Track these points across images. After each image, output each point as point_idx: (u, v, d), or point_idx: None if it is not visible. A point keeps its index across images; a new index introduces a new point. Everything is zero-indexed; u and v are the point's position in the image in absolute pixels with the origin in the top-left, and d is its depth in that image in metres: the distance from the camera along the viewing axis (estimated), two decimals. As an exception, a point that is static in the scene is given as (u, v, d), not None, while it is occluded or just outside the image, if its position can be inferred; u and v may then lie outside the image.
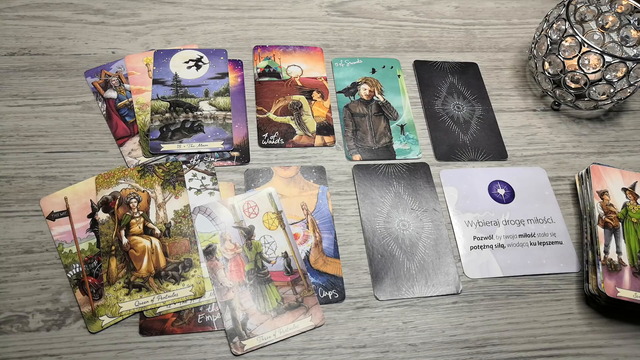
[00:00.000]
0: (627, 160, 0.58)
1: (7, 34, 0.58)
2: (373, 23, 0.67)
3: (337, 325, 0.45)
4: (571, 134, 0.60)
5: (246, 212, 0.49)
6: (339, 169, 0.54)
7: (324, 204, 0.51)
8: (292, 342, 0.44)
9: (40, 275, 0.44)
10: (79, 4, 0.62)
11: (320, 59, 0.62)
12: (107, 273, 0.44)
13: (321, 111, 0.57)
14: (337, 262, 0.48)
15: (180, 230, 0.47)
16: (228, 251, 0.47)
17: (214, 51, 0.60)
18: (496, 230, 0.51)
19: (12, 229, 0.46)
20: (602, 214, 0.50)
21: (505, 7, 0.72)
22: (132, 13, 0.63)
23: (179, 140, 0.53)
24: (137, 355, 0.42)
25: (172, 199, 0.49)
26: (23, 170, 0.50)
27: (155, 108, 0.54)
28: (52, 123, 0.53)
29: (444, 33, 0.67)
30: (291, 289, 0.46)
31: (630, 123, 0.62)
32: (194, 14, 0.64)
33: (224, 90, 0.57)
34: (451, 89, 0.62)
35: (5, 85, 0.55)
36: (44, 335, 0.42)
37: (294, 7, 0.67)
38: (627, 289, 0.46)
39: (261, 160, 0.53)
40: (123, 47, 0.59)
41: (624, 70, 0.53)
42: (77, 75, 0.56)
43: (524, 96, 0.63)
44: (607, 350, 0.46)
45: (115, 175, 0.49)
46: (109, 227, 0.46)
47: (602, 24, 0.61)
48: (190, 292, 0.44)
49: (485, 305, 0.47)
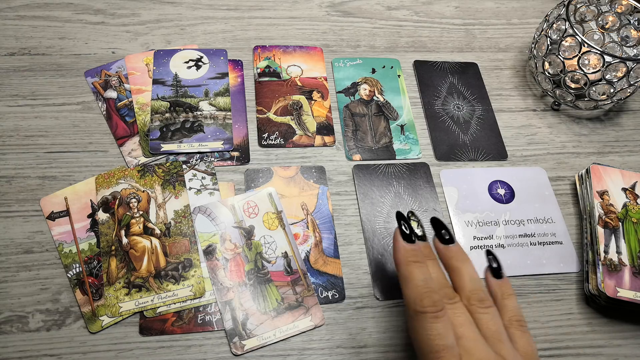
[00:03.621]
0: (627, 160, 0.58)
1: (7, 34, 0.58)
2: (373, 23, 0.67)
3: (337, 325, 0.45)
4: (571, 134, 0.60)
5: (246, 212, 0.49)
6: (339, 169, 0.54)
7: (324, 204, 0.51)
8: (292, 342, 0.44)
9: (40, 275, 0.44)
10: (79, 4, 0.62)
11: (320, 59, 0.62)
12: (107, 273, 0.44)
13: (321, 111, 0.57)
14: (337, 262, 0.48)
15: (180, 230, 0.47)
16: (228, 251, 0.47)
17: (214, 51, 0.60)
18: (496, 230, 0.51)
19: (12, 229, 0.46)
20: (602, 214, 0.50)
21: (505, 7, 0.72)
22: (132, 13, 0.63)
23: (179, 140, 0.53)
24: (137, 355, 0.42)
25: (172, 199, 0.49)
26: (23, 170, 0.50)
27: (155, 108, 0.54)
28: (52, 123, 0.53)
29: (444, 33, 0.67)
30: (291, 289, 0.46)
31: (630, 123, 0.62)
32: (194, 14, 0.64)
33: (224, 90, 0.57)
34: (451, 89, 0.62)
35: (5, 85, 0.55)
36: (44, 335, 0.42)
37: (294, 7, 0.67)
38: (627, 289, 0.46)
39: (261, 160, 0.53)
40: (123, 47, 0.59)
41: (624, 70, 0.53)
42: (77, 75, 0.56)
43: (524, 96, 0.63)
44: (607, 350, 0.46)
45: (115, 175, 0.49)
46: (109, 227, 0.46)
47: (602, 24, 0.61)
48: (190, 292, 0.44)
49: (485, 305, 0.47)
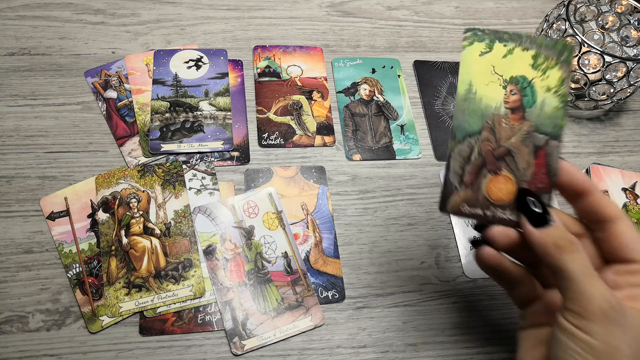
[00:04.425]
0: (627, 160, 0.58)
1: (7, 34, 0.58)
2: (373, 23, 0.67)
3: (337, 325, 0.45)
4: (571, 134, 0.60)
5: (246, 212, 0.49)
6: (339, 169, 0.54)
7: (324, 204, 0.51)
8: (292, 342, 0.44)
9: (40, 275, 0.44)
10: (79, 4, 0.62)
11: (320, 59, 0.62)
12: (107, 273, 0.44)
13: (321, 111, 0.57)
14: (337, 262, 0.48)
15: (180, 230, 0.47)
16: (228, 251, 0.47)
17: (214, 51, 0.60)
18: (496, 230, 0.51)
19: (12, 229, 0.46)
20: (602, 214, 0.50)
21: (505, 7, 0.72)
22: (132, 13, 0.63)
23: (179, 140, 0.53)
24: (137, 355, 0.42)
25: (172, 199, 0.49)
26: (23, 170, 0.50)
27: (155, 108, 0.54)
28: (52, 123, 0.53)
29: (444, 33, 0.67)
30: (291, 289, 0.46)
31: (630, 123, 0.62)
32: (194, 14, 0.64)
33: (224, 90, 0.57)
34: (451, 89, 0.62)
35: (5, 85, 0.55)
36: (44, 335, 0.42)
37: (294, 7, 0.67)
38: (627, 289, 0.46)
39: (261, 160, 0.53)
40: (123, 47, 0.59)
41: (624, 70, 0.53)
42: (77, 75, 0.56)
43: (524, 96, 0.63)
44: (607, 350, 0.46)
45: (115, 175, 0.49)
46: (109, 227, 0.46)
47: (602, 24, 0.61)
48: (190, 292, 0.44)
49: (485, 305, 0.47)
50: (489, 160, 0.34)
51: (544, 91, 0.35)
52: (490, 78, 0.35)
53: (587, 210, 0.34)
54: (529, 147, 0.34)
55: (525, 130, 0.35)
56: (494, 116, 0.35)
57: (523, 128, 0.35)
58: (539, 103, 0.35)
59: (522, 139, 0.35)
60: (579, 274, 0.30)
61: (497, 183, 0.34)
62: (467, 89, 0.35)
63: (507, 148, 0.35)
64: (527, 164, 0.34)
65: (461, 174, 0.34)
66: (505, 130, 0.34)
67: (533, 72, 0.35)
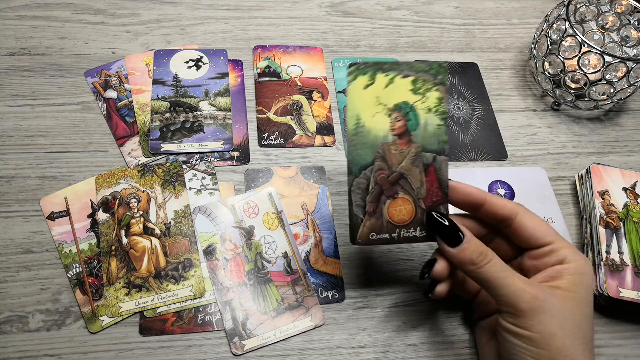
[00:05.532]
0: (627, 160, 0.58)
1: (7, 34, 0.59)
2: (373, 23, 0.67)
3: (337, 325, 0.45)
4: (571, 134, 0.60)
5: (246, 212, 0.49)
6: (339, 169, 0.54)
7: (324, 204, 0.51)
8: (292, 342, 0.44)
9: (40, 275, 0.44)
10: (79, 4, 0.62)
11: (320, 59, 0.62)
12: (107, 273, 0.44)
13: (321, 111, 0.57)
14: (337, 262, 0.48)
15: (180, 230, 0.47)
16: (228, 251, 0.47)
17: (214, 51, 0.60)
18: (496, 230, 0.51)
19: (12, 229, 0.46)
20: (603, 214, 0.50)
21: (505, 7, 0.72)
22: (132, 13, 0.63)
23: (179, 140, 0.53)
24: (137, 355, 0.42)
25: (172, 199, 0.49)
26: (23, 170, 0.50)
27: (155, 108, 0.54)
28: (52, 123, 0.53)
29: (444, 33, 0.67)
30: (291, 289, 0.46)
31: (630, 123, 0.62)
32: (194, 14, 0.64)
33: (224, 90, 0.57)
34: (451, 89, 0.62)
35: (5, 85, 0.55)
36: (44, 335, 0.42)
37: (294, 7, 0.67)
38: (630, 289, 0.46)
39: (261, 160, 0.53)
40: (123, 47, 0.59)
41: (624, 70, 0.53)
42: (77, 75, 0.56)
43: (524, 96, 0.63)
44: (607, 350, 0.46)
45: (115, 175, 0.49)
46: (109, 227, 0.46)
47: (602, 24, 0.61)
48: (190, 292, 0.44)
49: (486, 305, 0.47)
50: (385, 187, 0.37)
51: (425, 112, 0.37)
52: (376, 109, 0.36)
53: (488, 216, 0.38)
54: (419, 167, 0.37)
55: (414, 152, 0.37)
56: (383, 145, 0.37)
57: (411, 150, 0.37)
58: (422, 124, 0.37)
59: (412, 161, 0.37)
60: (499, 278, 0.33)
61: (396, 206, 0.37)
62: (355, 123, 0.36)
63: (400, 172, 0.37)
64: (420, 183, 0.37)
65: (363, 205, 0.37)
66: (395, 156, 0.37)
67: (414, 96, 0.37)
